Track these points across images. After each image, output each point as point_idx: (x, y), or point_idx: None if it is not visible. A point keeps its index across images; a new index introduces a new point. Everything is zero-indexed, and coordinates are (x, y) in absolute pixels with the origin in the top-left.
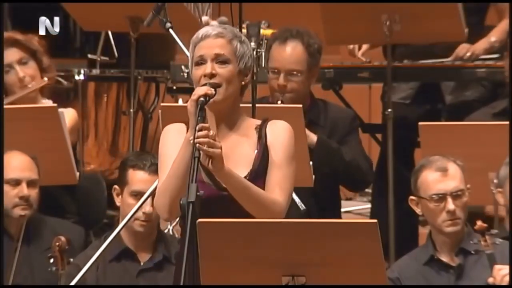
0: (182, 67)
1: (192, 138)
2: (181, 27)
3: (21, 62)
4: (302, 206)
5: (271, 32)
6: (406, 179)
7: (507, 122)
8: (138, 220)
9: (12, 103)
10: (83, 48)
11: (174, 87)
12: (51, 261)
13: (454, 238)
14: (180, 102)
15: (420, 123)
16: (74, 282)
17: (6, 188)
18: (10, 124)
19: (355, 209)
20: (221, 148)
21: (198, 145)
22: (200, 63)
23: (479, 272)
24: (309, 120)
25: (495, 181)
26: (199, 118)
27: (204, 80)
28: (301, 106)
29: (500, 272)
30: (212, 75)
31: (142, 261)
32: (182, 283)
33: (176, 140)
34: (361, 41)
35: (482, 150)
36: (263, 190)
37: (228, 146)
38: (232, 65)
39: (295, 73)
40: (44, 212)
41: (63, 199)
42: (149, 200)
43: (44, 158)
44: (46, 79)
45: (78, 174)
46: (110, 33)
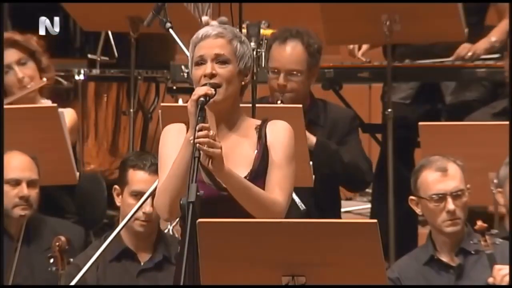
0: (182, 67)
1: (192, 138)
2: (181, 27)
3: (20, 63)
4: (302, 206)
5: (271, 32)
6: (406, 179)
7: (507, 122)
8: (138, 220)
9: (11, 104)
10: (83, 48)
11: (174, 87)
12: (51, 261)
13: (454, 238)
14: (180, 102)
15: (420, 123)
16: (74, 282)
17: (6, 188)
18: (10, 124)
19: (355, 209)
20: (221, 148)
21: (198, 145)
22: (200, 63)
23: (479, 272)
24: (309, 120)
25: (495, 181)
26: (199, 118)
27: (204, 80)
28: (301, 106)
29: (500, 272)
30: (212, 75)
31: (142, 261)
32: (182, 283)
33: (176, 140)
34: (361, 41)
35: (482, 150)
36: (263, 190)
37: (228, 146)
38: (232, 65)
39: (295, 73)
40: (44, 212)
41: (63, 199)
42: (149, 200)
43: (44, 158)
44: (45, 80)
45: (78, 174)
46: (110, 33)
